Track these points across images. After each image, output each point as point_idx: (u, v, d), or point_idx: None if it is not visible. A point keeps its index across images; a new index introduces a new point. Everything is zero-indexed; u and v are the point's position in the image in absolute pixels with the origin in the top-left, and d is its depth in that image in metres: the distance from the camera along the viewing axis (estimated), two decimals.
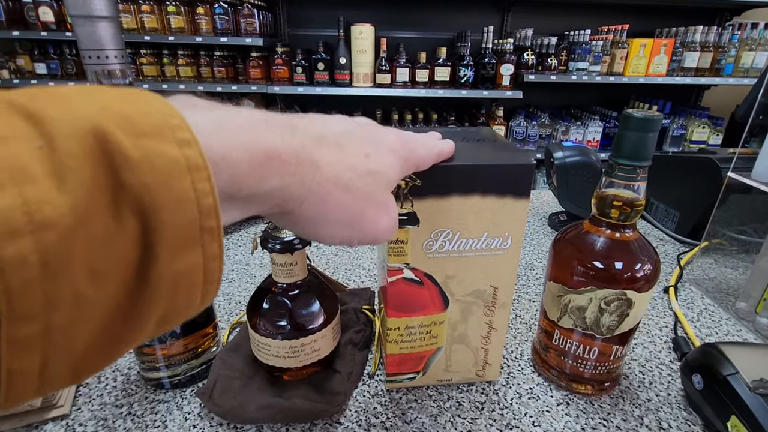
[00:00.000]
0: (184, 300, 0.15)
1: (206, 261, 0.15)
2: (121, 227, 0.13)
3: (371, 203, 0.22)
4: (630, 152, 0.31)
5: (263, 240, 0.34)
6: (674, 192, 0.71)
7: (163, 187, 0.13)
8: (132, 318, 0.14)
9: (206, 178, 0.14)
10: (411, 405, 0.37)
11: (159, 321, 0.15)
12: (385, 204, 0.23)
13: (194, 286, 0.15)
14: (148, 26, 1.74)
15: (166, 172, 0.13)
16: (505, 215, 0.32)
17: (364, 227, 0.22)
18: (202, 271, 0.15)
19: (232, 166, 0.16)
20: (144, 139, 0.13)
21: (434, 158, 0.27)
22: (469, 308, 0.36)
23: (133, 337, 0.15)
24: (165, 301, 0.14)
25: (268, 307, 0.36)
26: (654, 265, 0.34)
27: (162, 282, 0.14)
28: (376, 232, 0.23)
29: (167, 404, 0.36)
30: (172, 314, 0.15)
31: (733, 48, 2.06)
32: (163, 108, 0.14)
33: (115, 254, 0.13)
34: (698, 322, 0.50)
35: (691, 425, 0.36)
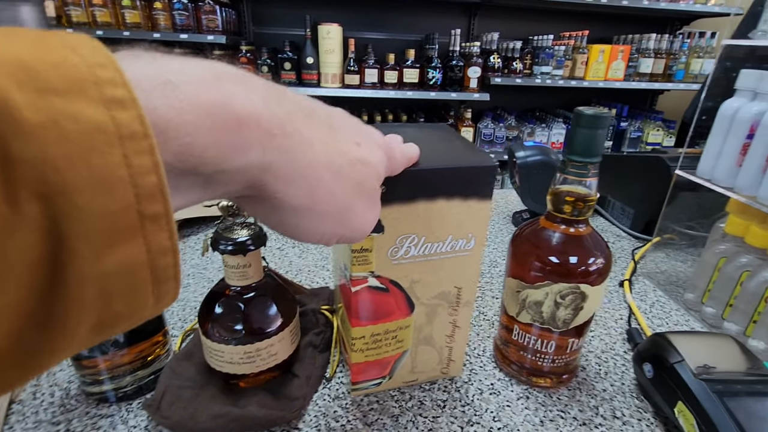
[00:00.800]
0: (126, 304, 0.13)
1: (152, 256, 0.12)
2: (17, 215, 0.10)
3: (362, 195, 0.20)
4: (581, 149, 0.32)
5: (214, 241, 0.33)
6: (629, 190, 0.74)
7: (78, 162, 0.10)
8: (50, 327, 0.11)
9: (147, 150, 0.11)
10: (372, 407, 0.36)
11: (95, 329, 0.12)
12: (374, 198, 0.21)
13: (138, 286, 0.12)
14: (101, 20, 1.65)
15: (84, 143, 0.10)
16: (470, 217, 0.32)
17: (352, 222, 0.20)
18: (147, 269, 0.12)
19: (185, 134, 0.13)
20: (51, 96, 0.10)
21: (406, 164, 0.26)
22: (434, 310, 0.36)
23: (58, 347, 0.12)
24: (96, 306, 0.12)
25: (220, 312, 0.34)
26: (606, 259, 0.35)
27: (86, 284, 0.11)
28: (362, 228, 0.21)
29: (111, 419, 0.34)
30: (112, 320, 0.13)
31: (683, 55, 2.19)
32: (92, 56, 0.11)
33: (12, 250, 0.10)
34: (650, 314, 0.52)
35: (642, 413, 0.37)
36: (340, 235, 0.20)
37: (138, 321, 0.14)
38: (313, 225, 0.19)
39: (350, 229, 0.20)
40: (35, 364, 0.12)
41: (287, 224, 0.19)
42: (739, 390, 0.32)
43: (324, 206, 0.18)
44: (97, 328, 0.13)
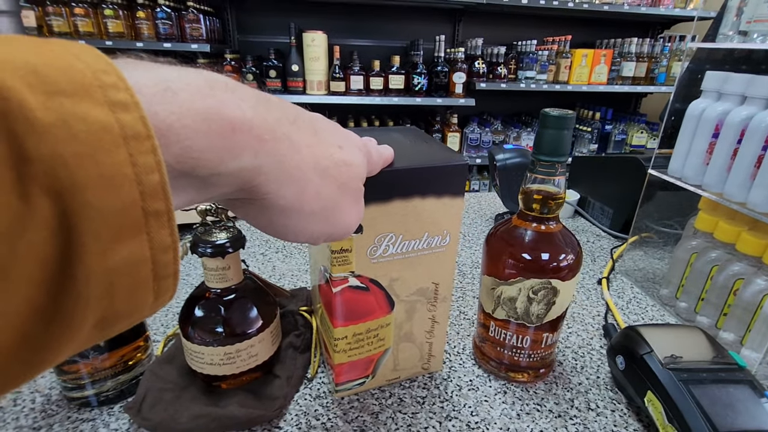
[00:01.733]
0: (129, 300, 0.13)
1: (155, 252, 0.13)
2: (30, 211, 0.10)
3: (347, 195, 0.21)
4: (549, 149, 0.33)
5: (193, 244, 0.33)
6: (607, 190, 0.76)
7: (87, 160, 0.11)
8: (57, 323, 0.11)
9: (150, 150, 0.12)
10: (353, 405, 0.37)
11: (98, 325, 0.13)
12: (358, 196, 0.22)
13: (141, 283, 0.13)
14: (83, 30, 1.64)
15: (92, 142, 0.11)
16: (444, 214, 0.33)
17: (338, 221, 0.21)
18: (150, 265, 0.13)
19: (185, 137, 0.14)
20: (60, 98, 0.10)
21: (382, 164, 0.27)
22: (414, 307, 0.36)
23: (63, 343, 0.12)
24: (101, 302, 0.12)
25: (200, 314, 0.34)
26: (576, 255, 0.36)
27: (93, 280, 0.11)
28: (347, 225, 0.22)
29: (92, 423, 0.34)
30: (114, 317, 0.13)
31: (664, 58, 2.24)
32: (95, 63, 0.12)
33: (24, 245, 0.10)
34: (627, 310, 0.53)
35: (616, 404, 0.38)
36: (327, 234, 0.21)
37: (138, 318, 0.14)
38: (301, 225, 0.20)
39: (336, 227, 0.21)
40: (40, 360, 0.12)
41: (276, 225, 0.19)
42: (704, 378, 0.33)
43: (311, 206, 0.19)
44: (101, 324, 0.13)
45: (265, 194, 0.17)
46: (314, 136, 0.19)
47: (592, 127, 2.34)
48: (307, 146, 0.18)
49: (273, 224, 0.19)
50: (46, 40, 0.12)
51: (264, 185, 0.17)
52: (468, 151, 2.27)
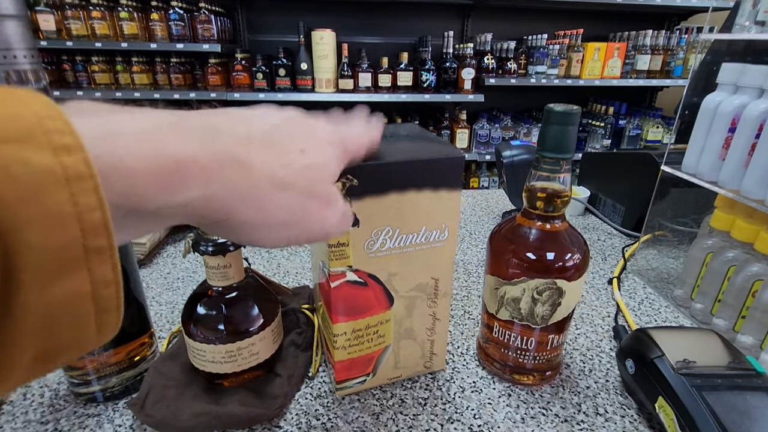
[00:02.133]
0: (70, 334, 0.13)
1: (96, 287, 0.13)
2: None
3: (313, 199, 0.21)
4: (553, 145, 0.32)
5: (194, 243, 0.33)
6: (619, 187, 0.74)
7: (27, 201, 0.11)
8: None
9: (92, 189, 0.13)
10: (353, 405, 0.37)
11: (38, 359, 0.13)
12: (328, 197, 0.22)
13: (82, 317, 0.13)
14: (100, 33, 1.69)
15: (32, 185, 0.11)
16: (441, 207, 0.32)
17: (309, 225, 0.21)
18: (90, 300, 0.13)
19: (127, 176, 0.14)
20: (3, 144, 0.11)
21: (369, 144, 0.26)
22: (413, 302, 0.36)
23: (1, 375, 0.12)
24: (39, 336, 0.12)
25: (202, 312, 0.34)
26: (583, 254, 0.35)
27: (30, 314, 0.12)
28: (323, 228, 0.22)
29: (97, 418, 0.35)
30: (55, 350, 0.13)
31: (681, 51, 2.18)
32: (42, 110, 0.13)
33: None
34: (639, 311, 0.52)
35: (626, 409, 0.37)
36: (306, 238, 0.22)
37: (81, 351, 0.14)
38: (273, 235, 0.20)
39: (311, 230, 0.21)
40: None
41: (251, 239, 0.20)
42: (719, 384, 0.32)
43: (277, 217, 0.19)
44: (42, 358, 0.13)
45: (225, 216, 0.18)
46: (270, 149, 0.19)
47: (605, 123, 2.29)
48: (261, 162, 0.19)
49: (248, 239, 0.20)
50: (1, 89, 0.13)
51: (220, 210, 0.18)
52: (477, 148, 2.25)
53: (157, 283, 0.55)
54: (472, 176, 2.47)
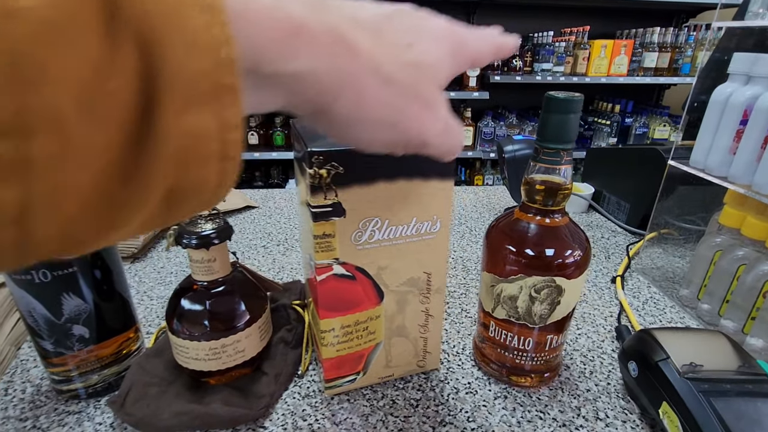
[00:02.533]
0: (195, 174, 0.13)
1: (222, 129, 0.13)
2: (118, 55, 0.11)
3: (415, 100, 0.19)
4: (553, 135, 0.31)
5: (177, 236, 0.32)
6: (624, 184, 0.72)
7: (170, 18, 0.11)
8: (134, 180, 0.12)
9: (223, 23, 0.12)
10: (342, 405, 0.35)
11: (167, 197, 0.13)
12: (431, 101, 0.20)
13: (208, 158, 0.13)
14: None
15: (173, 4, 0.11)
16: (432, 198, 0.31)
17: (407, 127, 0.19)
18: (216, 141, 0.13)
19: (250, 27, 0.14)
20: None
21: (492, 52, 0.23)
22: (405, 298, 0.35)
23: (135, 206, 0.13)
24: (173, 168, 0.12)
25: (185, 307, 0.33)
26: (584, 251, 0.33)
27: (170, 139, 0.12)
28: (421, 135, 0.20)
29: (78, 416, 0.34)
30: (182, 191, 0.13)
31: (689, 48, 2.14)
32: None
33: (111, 88, 0.11)
34: (643, 311, 0.50)
35: (628, 414, 0.35)
36: (402, 142, 0.20)
37: (203, 202, 0.14)
38: (369, 134, 0.19)
39: (408, 135, 0.20)
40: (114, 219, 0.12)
41: (347, 137, 0.19)
42: (728, 390, 0.30)
43: (373, 114, 0.18)
44: (169, 197, 0.13)
45: (324, 105, 0.17)
46: (378, 36, 0.18)
47: (611, 121, 2.26)
48: (367, 50, 0.17)
49: (345, 137, 0.19)
50: None
51: (322, 94, 0.17)
52: (482, 146, 2.23)
53: (149, 278, 0.54)
54: (477, 174, 2.45)
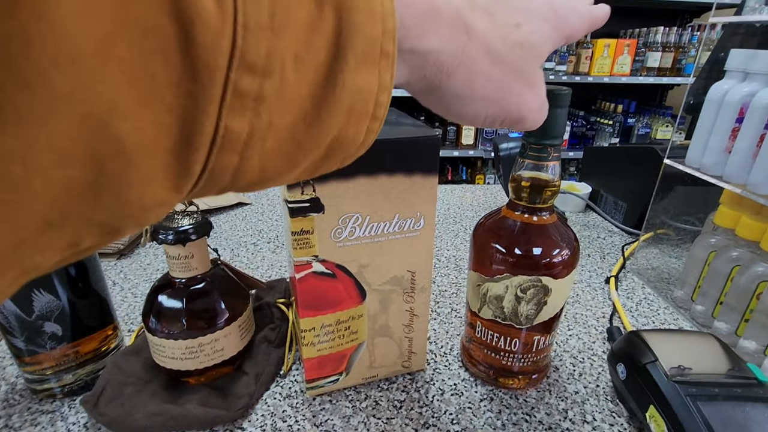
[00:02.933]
0: (354, 128, 0.15)
1: (379, 90, 0.15)
2: (321, 19, 0.12)
3: (520, 78, 0.20)
4: (540, 130, 0.29)
5: (153, 231, 0.31)
6: (621, 183, 0.71)
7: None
8: (316, 127, 0.14)
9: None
10: (324, 407, 0.34)
11: (330, 145, 0.15)
12: (533, 79, 0.21)
13: (364, 114, 0.15)
14: None
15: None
16: (415, 194, 0.30)
17: (509, 105, 0.21)
18: (374, 100, 0.15)
19: (401, 5, 0.15)
20: None
21: (587, 26, 0.24)
22: (388, 297, 0.34)
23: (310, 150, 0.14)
24: (341, 120, 0.14)
25: (163, 305, 0.32)
26: (572, 250, 0.32)
27: (345, 93, 0.14)
28: (521, 111, 0.21)
29: (51, 415, 0.33)
30: (339, 143, 0.15)
31: (693, 48, 2.12)
32: None
33: (313, 46, 0.13)
34: (636, 312, 0.49)
35: (616, 417, 0.35)
36: (502, 117, 0.21)
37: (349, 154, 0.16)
38: (474, 110, 0.20)
39: (508, 110, 0.21)
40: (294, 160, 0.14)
41: (453, 112, 0.20)
42: (716, 394, 0.29)
43: (482, 91, 0.19)
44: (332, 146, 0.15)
45: (439, 82, 0.18)
46: (489, 18, 0.19)
47: (613, 121, 2.24)
48: (480, 31, 0.18)
49: (450, 112, 0.20)
50: None
51: (438, 72, 0.18)
52: (483, 145, 2.22)
53: (135, 275, 0.53)
54: (478, 173, 2.44)
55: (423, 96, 0.20)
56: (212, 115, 0.11)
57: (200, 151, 0.11)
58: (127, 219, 0.11)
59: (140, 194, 0.11)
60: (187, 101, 0.11)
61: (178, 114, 0.11)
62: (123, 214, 0.11)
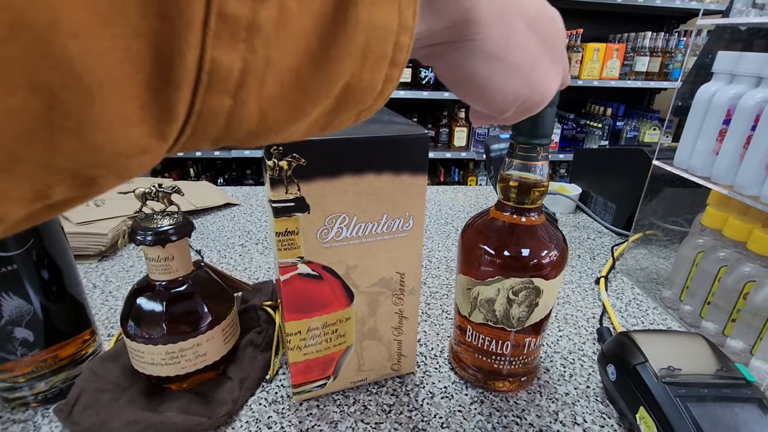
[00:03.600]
0: (370, 72, 0.13)
1: (399, 29, 0.13)
2: None
3: (549, 52, 0.19)
4: (528, 129, 0.29)
5: (131, 231, 0.30)
6: (610, 184, 0.71)
7: None
8: (324, 70, 0.12)
9: None
10: (311, 411, 0.34)
11: (340, 95, 0.13)
12: (560, 56, 0.20)
13: (382, 57, 0.13)
14: None
15: None
16: (404, 194, 0.30)
17: (538, 80, 0.19)
18: (393, 40, 0.13)
19: None
20: None
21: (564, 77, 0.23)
22: (377, 299, 0.33)
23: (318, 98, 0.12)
24: (354, 63, 0.12)
25: (140, 309, 0.31)
26: (561, 251, 0.32)
27: (359, 31, 0.12)
28: (545, 88, 0.20)
29: (24, 424, 0.31)
30: (353, 91, 0.13)
31: (680, 53, 2.16)
32: None
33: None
34: (626, 312, 0.49)
35: (606, 418, 0.34)
36: (525, 96, 0.19)
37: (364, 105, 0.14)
38: (501, 79, 0.18)
39: (535, 88, 0.19)
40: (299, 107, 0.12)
41: (478, 76, 0.18)
42: (705, 395, 0.29)
43: (515, 56, 0.18)
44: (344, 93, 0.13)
45: (473, 34, 0.17)
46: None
47: (602, 124, 2.27)
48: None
49: (474, 76, 0.18)
50: None
51: (473, 23, 0.16)
52: (476, 146, 2.22)
53: (117, 277, 0.52)
54: (470, 175, 2.45)
55: (442, 54, 0.18)
56: (194, 44, 0.09)
57: (183, 88, 0.10)
58: (100, 167, 0.10)
59: (111, 137, 0.09)
60: (160, 23, 0.09)
61: (149, 40, 0.09)
62: (94, 161, 0.09)
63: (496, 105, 0.19)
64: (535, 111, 0.21)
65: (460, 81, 0.19)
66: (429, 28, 0.16)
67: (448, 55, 0.18)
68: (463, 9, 0.15)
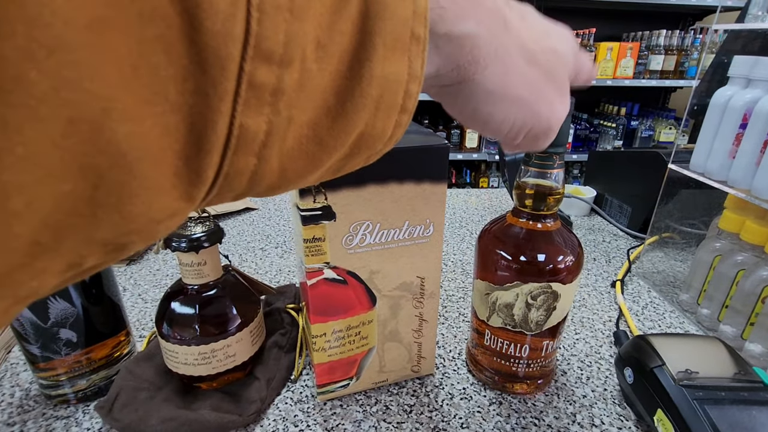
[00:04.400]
0: (382, 122, 0.14)
1: (409, 79, 0.13)
2: (345, 2, 0.11)
3: (551, 83, 0.20)
4: None
5: (167, 238, 0.32)
6: (626, 187, 0.71)
7: None
8: (340, 122, 0.13)
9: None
10: (335, 411, 0.35)
11: (356, 141, 0.14)
12: (563, 87, 0.21)
13: (393, 107, 0.14)
14: None
15: None
16: (425, 201, 0.31)
17: (540, 111, 0.20)
18: (403, 90, 0.13)
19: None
20: None
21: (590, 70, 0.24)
22: (398, 303, 0.34)
23: (334, 148, 0.13)
24: (367, 114, 0.13)
25: (175, 311, 0.33)
26: (576, 256, 0.33)
27: (373, 84, 0.13)
28: (549, 119, 0.20)
29: (66, 421, 0.33)
30: (365, 139, 0.14)
31: (695, 51, 2.13)
32: None
33: (337, 31, 0.11)
34: (642, 316, 0.49)
35: (624, 420, 0.35)
36: (530, 126, 0.20)
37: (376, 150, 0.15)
38: (504, 112, 0.19)
39: (539, 117, 0.20)
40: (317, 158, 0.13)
41: (481, 112, 0.19)
42: (723, 398, 0.30)
43: (515, 91, 0.19)
44: (359, 141, 0.14)
45: (473, 74, 0.17)
46: (522, 20, 0.19)
47: (617, 123, 2.24)
48: (516, 26, 0.18)
49: (478, 112, 0.19)
50: None
51: (473, 63, 0.17)
52: (487, 147, 2.22)
53: (145, 280, 0.54)
54: (482, 176, 2.45)
55: (449, 94, 0.19)
56: (225, 112, 0.10)
57: (213, 154, 0.10)
58: (133, 234, 0.10)
59: (147, 206, 0.10)
60: (195, 98, 0.09)
61: (185, 113, 0.09)
62: (128, 229, 0.10)
63: (503, 135, 0.20)
64: (544, 139, 0.21)
65: (467, 116, 0.19)
66: (436, 70, 0.17)
67: (454, 94, 0.19)
68: (464, 51, 0.16)
